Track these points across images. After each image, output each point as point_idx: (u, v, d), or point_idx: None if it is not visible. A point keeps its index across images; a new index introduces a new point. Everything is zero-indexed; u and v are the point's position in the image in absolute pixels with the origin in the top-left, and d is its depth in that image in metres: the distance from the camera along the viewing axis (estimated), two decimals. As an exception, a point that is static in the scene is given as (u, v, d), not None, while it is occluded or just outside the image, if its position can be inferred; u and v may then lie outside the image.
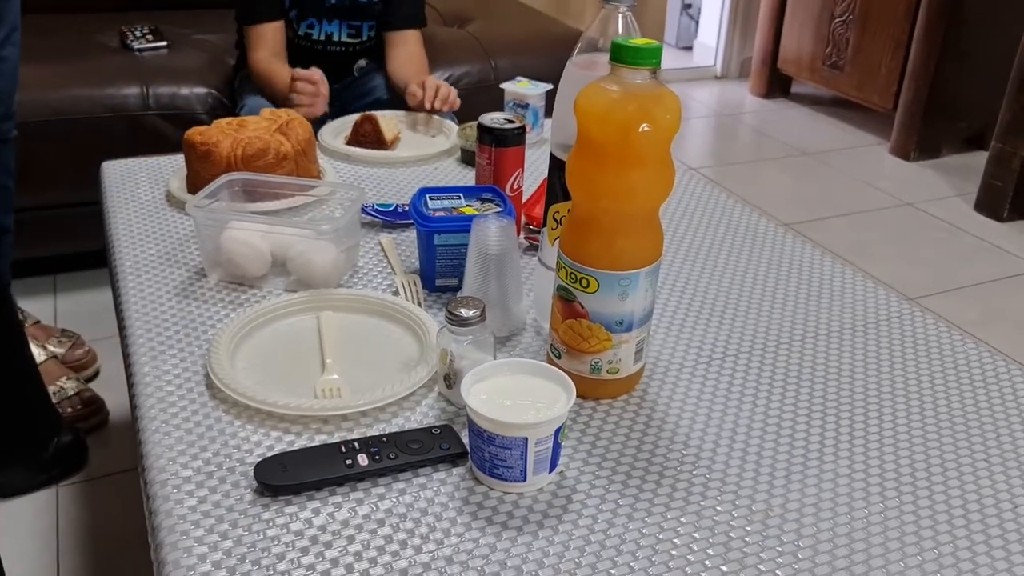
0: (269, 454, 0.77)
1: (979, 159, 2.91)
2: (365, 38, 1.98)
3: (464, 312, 0.82)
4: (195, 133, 1.24)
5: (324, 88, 1.68)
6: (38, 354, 1.64)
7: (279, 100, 1.78)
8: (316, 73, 1.68)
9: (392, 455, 0.75)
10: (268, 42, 1.85)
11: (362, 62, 2.00)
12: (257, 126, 1.26)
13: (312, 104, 1.67)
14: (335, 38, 1.95)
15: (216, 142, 1.22)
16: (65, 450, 1.53)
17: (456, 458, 0.77)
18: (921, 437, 0.84)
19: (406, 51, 1.92)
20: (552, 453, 0.74)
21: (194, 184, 1.24)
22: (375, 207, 1.21)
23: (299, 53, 1.91)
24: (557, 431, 0.73)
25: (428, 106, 1.63)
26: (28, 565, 1.36)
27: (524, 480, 0.73)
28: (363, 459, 0.75)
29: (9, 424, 1.45)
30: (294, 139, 1.26)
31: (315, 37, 1.93)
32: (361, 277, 1.07)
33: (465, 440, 0.77)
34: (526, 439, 0.71)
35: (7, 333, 1.40)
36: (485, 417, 0.71)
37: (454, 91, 1.67)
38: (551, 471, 0.75)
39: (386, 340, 0.95)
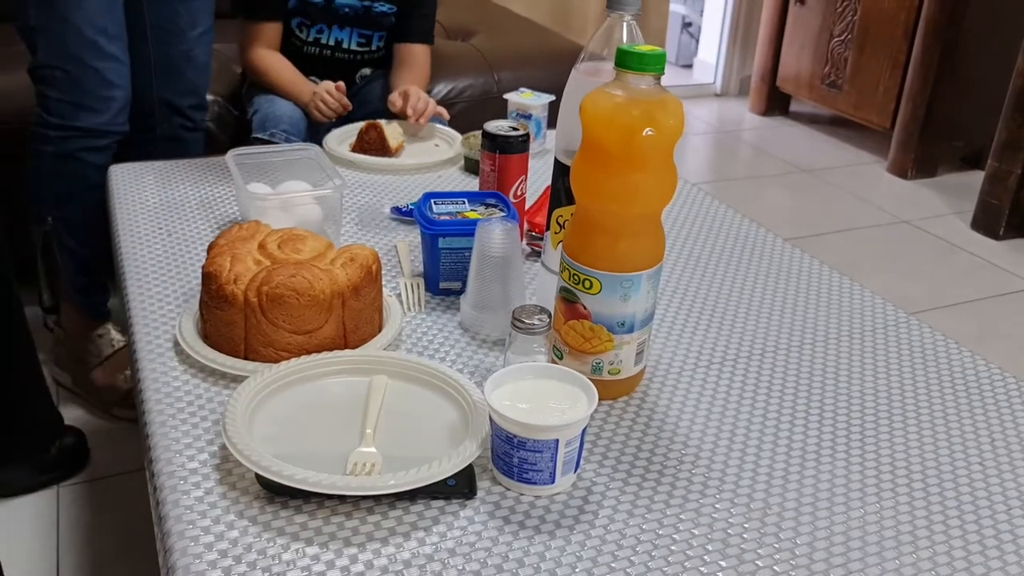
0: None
1: (975, 178, 2.93)
2: (375, 48, 2.00)
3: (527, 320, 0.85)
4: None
5: (344, 100, 1.79)
6: (119, 340, 1.66)
7: (278, 90, 1.86)
8: (339, 86, 1.79)
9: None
10: (264, 40, 1.89)
11: (366, 70, 2.02)
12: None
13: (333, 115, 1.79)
14: (344, 45, 1.97)
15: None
16: (67, 451, 1.54)
17: (458, 496, 0.74)
18: (917, 439, 0.85)
19: (413, 65, 1.93)
20: (578, 453, 0.75)
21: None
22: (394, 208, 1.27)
23: (305, 58, 1.93)
24: (584, 429, 0.74)
25: (410, 113, 1.63)
26: (28, 565, 1.36)
27: (553, 482, 0.74)
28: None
29: (12, 424, 1.46)
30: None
31: (324, 42, 1.95)
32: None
33: (480, 481, 0.76)
34: (557, 441, 0.72)
35: (10, 333, 1.41)
36: (516, 422, 0.71)
37: (432, 104, 1.67)
38: (575, 470, 0.76)
39: (427, 408, 0.85)
